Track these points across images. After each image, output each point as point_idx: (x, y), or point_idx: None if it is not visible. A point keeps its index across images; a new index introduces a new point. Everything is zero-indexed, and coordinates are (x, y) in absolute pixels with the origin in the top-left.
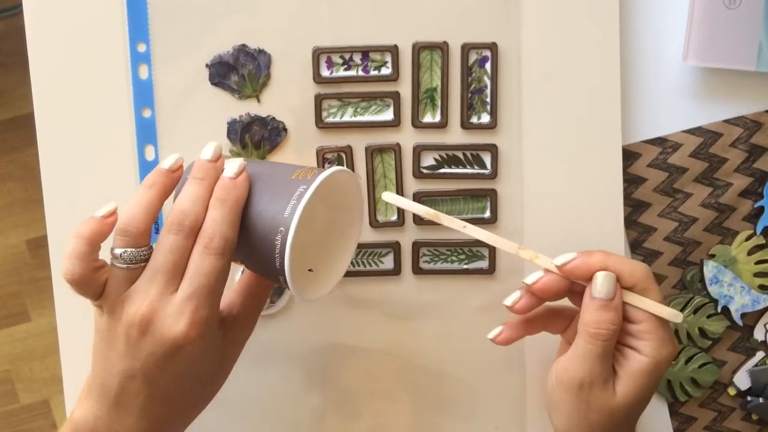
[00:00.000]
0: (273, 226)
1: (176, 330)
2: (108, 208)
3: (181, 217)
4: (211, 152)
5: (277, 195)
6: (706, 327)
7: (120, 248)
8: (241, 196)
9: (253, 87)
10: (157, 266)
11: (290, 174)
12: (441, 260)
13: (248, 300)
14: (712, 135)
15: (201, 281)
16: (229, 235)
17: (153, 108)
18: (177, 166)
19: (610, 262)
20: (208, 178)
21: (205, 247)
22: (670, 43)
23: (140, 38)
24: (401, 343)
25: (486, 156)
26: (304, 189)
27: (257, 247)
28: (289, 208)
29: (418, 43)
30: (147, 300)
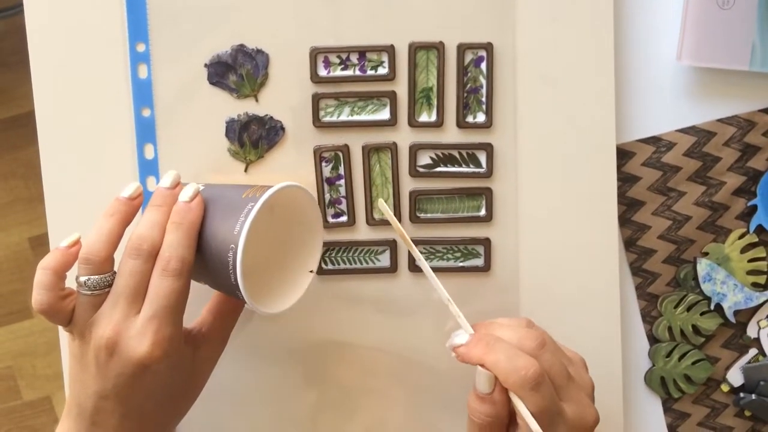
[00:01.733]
0: (225, 243)
1: (141, 350)
2: (71, 238)
3: (138, 242)
4: (170, 180)
5: (228, 214)
6: (700, 324)
7: (84, 276)
8: (195, 219)
9: (251, 86)
10: (119, 291)
11: (242, 193)
12: (437, 258)
13: (219, 319)
14: (705, 134)
15: (161, 302)
16: (185, 256)
17: (152, 107)
18: (136, 194)
19: (489, 360)
20: (165, 205)
21: (163, 269)
22: (664, 43)
23: (140, 38)
24: (397, 341)
25: (481, 155)
26: (251, 206)
27: (214, 266)
28: (238, 225)
29: (414, 43)
30: (111, 323)
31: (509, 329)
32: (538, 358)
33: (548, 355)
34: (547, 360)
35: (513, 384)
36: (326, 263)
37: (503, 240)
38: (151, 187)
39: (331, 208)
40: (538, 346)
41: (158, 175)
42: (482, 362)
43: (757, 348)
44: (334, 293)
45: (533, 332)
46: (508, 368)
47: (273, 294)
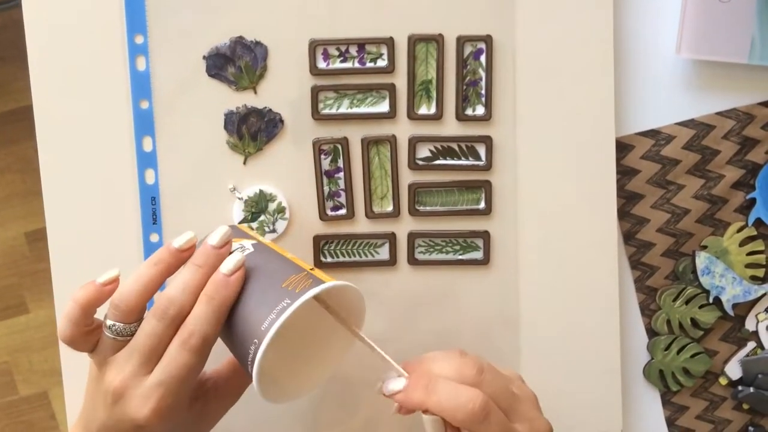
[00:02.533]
0: (250, 333)
1: (141, 413)
2: (109, 275)
3: (166, 304)
4: (218, 239)
5: (262, 302)
6: (698, 317)
7: (110, 320)
8: (230, 296)
9: (249, 79)
10: (136, 346)
11: (284, 279)
12: (436, 251)
13: (234, 376)
14: (704, 127)
15: (172, 372)
16: (208, 334)
17: (150, 99)
18: (188, 246)
19: (431, 402)
20: (205, 266)
21: (184, 341)
22: (664, 36)
23: (138, 30)
24: (396, 333)
25: (481, 148)
26: (287, 304)
27: (236, 346)
28: (267, 322)
29: (413, 36)
30: (120, 375)
31: (444, 361)
32: (480, 385)
33: (489, 377)
34: (490, 384)
35: (462, 422)
36: (325, 256)
37: (502, 233)
38: (150, 180)
39: (330, 200)
40: (478, 373)
41: (157, 168)
42: (425, 407)
43: (755, 341)
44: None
45: (469, 360)
46: (453, 406)
47: (289, 377)
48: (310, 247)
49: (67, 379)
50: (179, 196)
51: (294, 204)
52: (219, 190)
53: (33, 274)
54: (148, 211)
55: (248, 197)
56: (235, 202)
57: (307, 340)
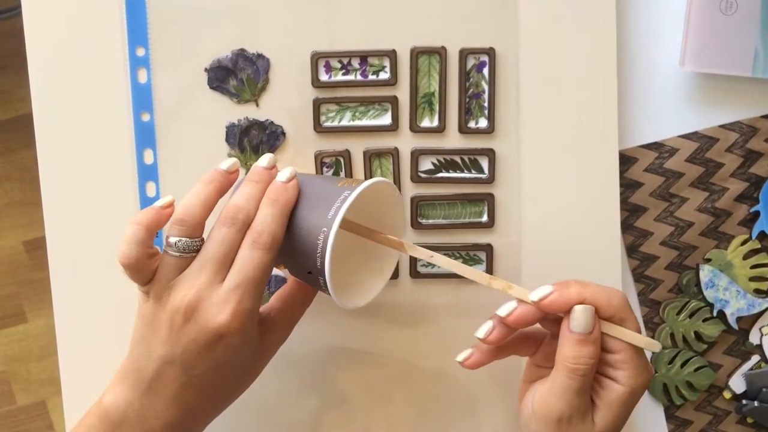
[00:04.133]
0: (317, 227)
1: (220, 319)
2: (166, 199)
3: (234, 211)
4: (267, 161)
5: (323, 199)
6: (702, 331)
7: (175, 237)
8: (291, 198)
9: (251, 91)
10: (208, 256)
11: (336, 183)
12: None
13: (287, 307)
14: (708, 140)
15: (247, 273)
16: (276, 232)
17: (152, 112)
18: (234, 168)
19: (587, 293)
20: (262, 182)
21: (254, 241)
22: (667, 49)
23: (139, 42)
24: (398, 347)
25: (483, 160)
26: (348, 194)
27: (300, 248)
28: (333, 209)
29: (416, 48)
30: (195, 287)
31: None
32: None
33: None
34: None
35: (617, 305)
36: None
37: (505, 246)
38: (150, 193)
39: None
40: None
41: (158, 181)
42: (582, 297)
43: (759, 355)
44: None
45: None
46: (608, 291)
47: (350, 288)
48: None
49: (66, 389)
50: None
51: None
52: (220, 203)
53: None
54: None
55: None
56: None
57: (357, 249)
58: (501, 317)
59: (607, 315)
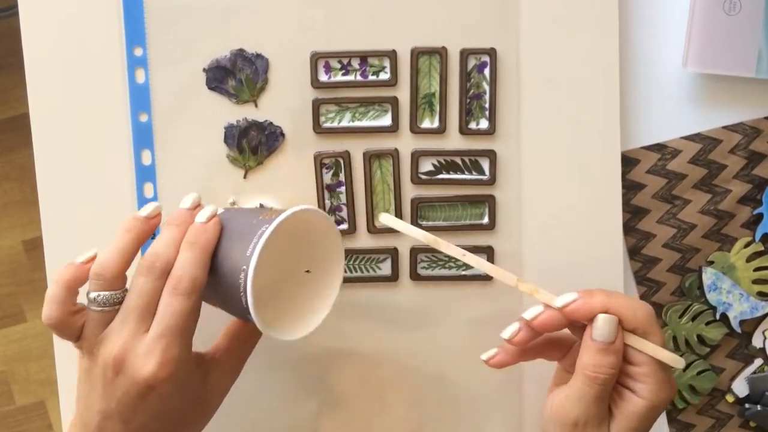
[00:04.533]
0: (238, 265)
1: (147, 369)
2: (87, 254)
3: (152, 259)
4: (190, 201)
5: (243, 236)
6: (705, 334)
7: (94, 292)
8: (210, 239)
9: (250, 92)
10: (130, 308)
11: (257, 216)
12: (439, 266)
13: (234, 344)
14: (711, 141)
15: (169, 321)
16: (197, 276)
17: (150, 112)
18: (154, 214)
19: (612, 303)
20: (183, 224)
21: (174, 288)
22: (670, 50)
23: (137, 42)
24: (398, 350)
25: (484, 162)
26: (266, 228)
27: (226, 288)
28: (251, 247)
29: (416, 48)
30: (120, 341)
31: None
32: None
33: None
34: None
35: (642, 318)
36: None
37: (506, 248)
38: (148, 194)
39: (332, 215)
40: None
41: (155, 182)
42: (606, 307)
43: (762, 358)
44: (335, 302)
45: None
46: (632, 303)
47: (289, 320)
48: None
49: (63, 389)
50: None
51: None
52: (219, 204)
53: (30, 282)
54: None
55: None
56: None
57: (296, 276)
58: (527, 320)
59: (631, 327)
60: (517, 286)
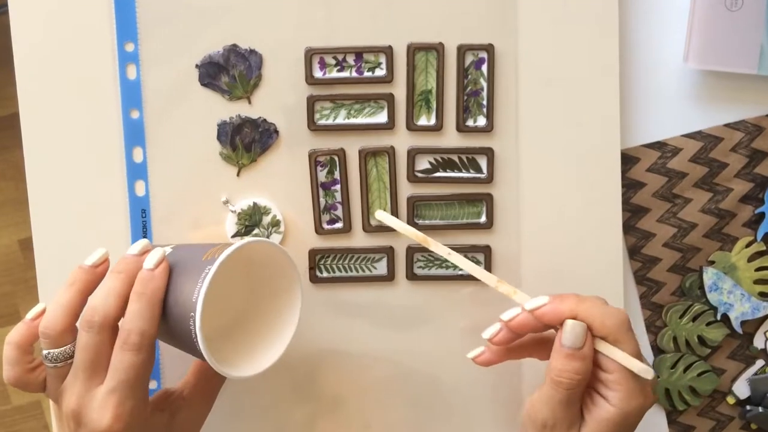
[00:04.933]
0: (186, 311)
1: (103, 424)
2: (36, 309)
3: (90, 314)
4: (138, 248)
5: (190, 278)
6: (705, 335)
7: (45, 349)
8: (158, 287)
9: (244, 88)
10: (77, 364)
11: (203, 254)
12: (436, 266)
13: (202, 381)
14: (712, 139)
15: (121, 377)
16: (146, 329)
17: (141, 109)
18: (100, 262)
19: (582, 309)
20: (125, 272)
21: (124, 342)
22: (671, 46)
23: (128, 37)
24: (394, 351)
25: (482, 160)
26: (208, 270)
27: (180, 334)
28: (196, 291)
29: (413, 44)
30: (74, 396)
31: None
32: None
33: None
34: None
35: (611, 326)
36: (321, 270)
37: (504, 247)
38: (140, 192)
39: (327, 213)
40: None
41: (147, 179)
42: (575, 313)
43: (764, 359)
44: (329, 302)
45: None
46: (603, 312)
47: (250, 353)
48: (305, 262)
49: None
50: (170, 209)
51: (289, 217)
52: (211, 202)
53: (26, 281)
54: (138, 223)
55: (242, 210)
56: (228, 215)
57: (254, 307)
58: (504, 321)
59: (600, 334)
60: (496, 287)
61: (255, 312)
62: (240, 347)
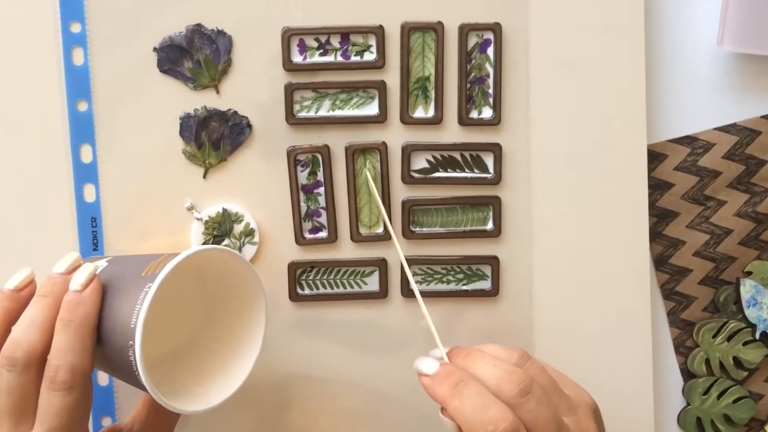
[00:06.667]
0: (125, 339)
1: None
2: None
3: (11, 349)
4: (65, 265)
5: (126, 300)
6: (742, 356)
7: None
8: (88, 313)
9: (210, 75)
10: (1, 409)
11: (142, 269)
12: (435, 280)
13: (153, 414)
14: (749, 133)
15: (52, 422)
16: (76, 363)
17: (90, 100)
18: (23, 285)
19: (453, 405)
20: (51, 295)
21: (51, 382)
22: (703, 26)
23: (74, 16)
24: (388, 378)
25: (488, 157)
26: (148, 288)
27: (119, 366)
28: (134, 315)
29: (407, 24)
30: None
31: (491, 365)
32: (518, 408)
33: (533, 404)
34: (531, 411)
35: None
36: (302, 287)
37: (514, 259)
38: (89, 197)
39: (309, 221)
40: (520, 393)
41: (97, 183)
42: (445, 406)
43: None
44: (311, 323)
45: (518, 374)
46: (472, 419)
47: (208, 382)
48: (284, 277)
49: None
50: (125, 217)
51: (265, 225)
52: (174, 209)
53: None
54: (87, 234)
55: (209, 218)
56: (193, 224)
57: (211, 325)
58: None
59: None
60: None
61: (213, 333)
62: (195, 374)
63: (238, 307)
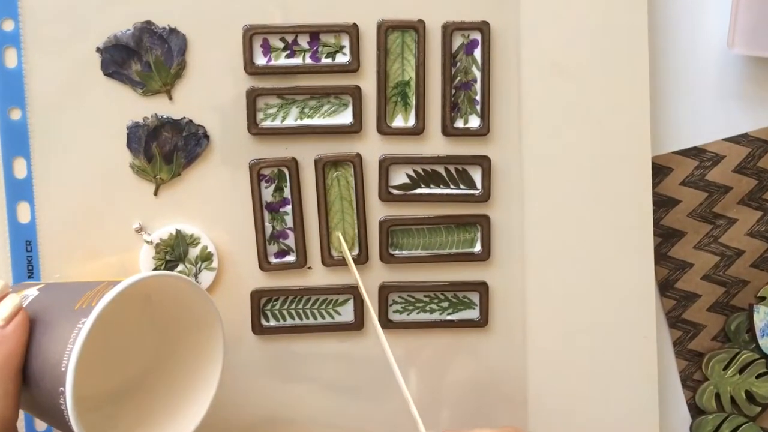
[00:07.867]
0: (55, 384)
1: None
2: None
3: None
4: None
5: (56, 337)
6: (755, 390)
7: None
8: (11, 353)
9: (162, 79)
10: None
11: (76, 302)
12: (417, 309)
13: None
14: (761, 144)
15: None
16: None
17: (24, 107)
18: None
19: None
20: None
21: None
22: (712, 28)
23: (6, 13)
24: (367, 419)
25: (475, 172)
26: (82, 324)
27: (49, 411)
28: (66, 356)
29: (385, 22)
30: None
31: None
32: None
33: None
34: None
35: None
36: (267, 318)
37: (505, 285)
38: (23, 218)
39: (274, 244)
40: None
41: (32, 201)
42: None
43: None
44: (277, 359)
45: None
46: None
47: (158, 426)
48: (246, 307)
49: None
50: (65, 240)
51: (224, 249)
52: (121, 230)
53: None
54: (21, 259)
55: (161, 240)
56: (142, 247)
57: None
58: None
59: None
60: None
61: (164, 371)
62: (143, 418)
63: (193, 341)
